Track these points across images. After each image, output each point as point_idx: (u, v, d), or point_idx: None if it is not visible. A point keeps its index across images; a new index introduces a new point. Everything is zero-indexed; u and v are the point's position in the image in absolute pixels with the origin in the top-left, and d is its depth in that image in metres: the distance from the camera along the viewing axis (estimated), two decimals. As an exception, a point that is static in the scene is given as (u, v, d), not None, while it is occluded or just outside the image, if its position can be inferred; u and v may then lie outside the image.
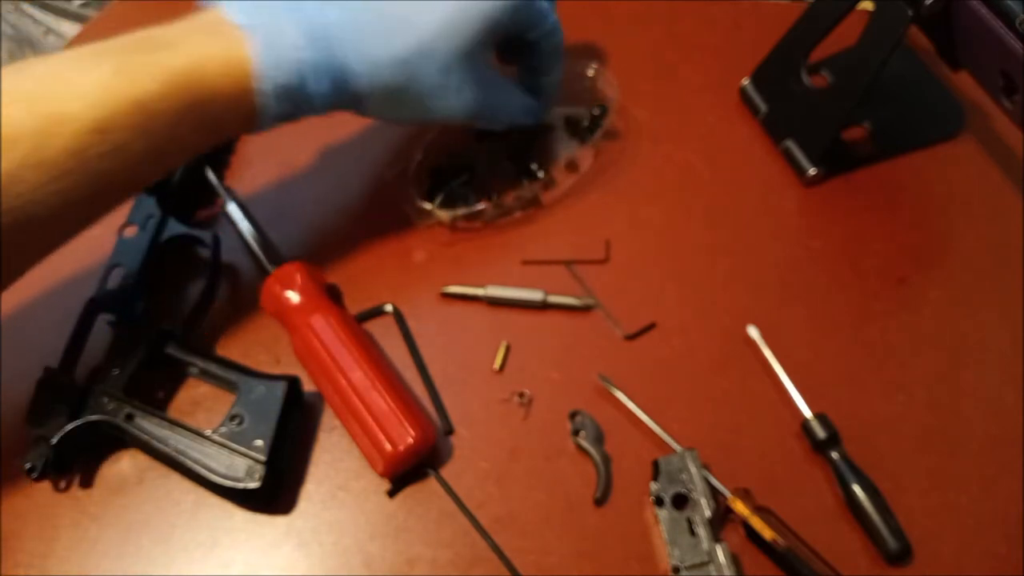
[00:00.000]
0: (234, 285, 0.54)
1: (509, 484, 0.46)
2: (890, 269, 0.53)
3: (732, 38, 0.63)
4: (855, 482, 0.44)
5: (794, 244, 0.54)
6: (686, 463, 0.44)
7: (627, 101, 0.59)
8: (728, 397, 0.48)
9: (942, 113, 0.58)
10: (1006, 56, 0.45)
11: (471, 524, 0.45)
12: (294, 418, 0.47)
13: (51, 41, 1.57)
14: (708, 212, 0.55)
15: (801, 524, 0.43)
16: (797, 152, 0.56)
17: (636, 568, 0.44)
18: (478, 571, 0.44)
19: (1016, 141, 0.57)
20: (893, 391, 0.48)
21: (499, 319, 0.51)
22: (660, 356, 0.50)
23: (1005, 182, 0.56)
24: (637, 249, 0.54)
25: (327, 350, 0.46)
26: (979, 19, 0.46)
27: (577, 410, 0.48)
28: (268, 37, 0.43)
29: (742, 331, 0.50)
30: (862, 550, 0.43)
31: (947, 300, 0.51)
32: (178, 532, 0.45)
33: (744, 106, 0.60)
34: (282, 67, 0.43)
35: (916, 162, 0.57)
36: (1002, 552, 0.43)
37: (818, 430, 0.45)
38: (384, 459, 0.44)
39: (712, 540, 0.42)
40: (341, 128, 0.60)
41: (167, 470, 0.47)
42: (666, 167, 0.57)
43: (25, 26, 1.60)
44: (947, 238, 0.54)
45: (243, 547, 0.45)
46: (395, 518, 0.45)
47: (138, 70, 0.41)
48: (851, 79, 0.52)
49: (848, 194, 0.56)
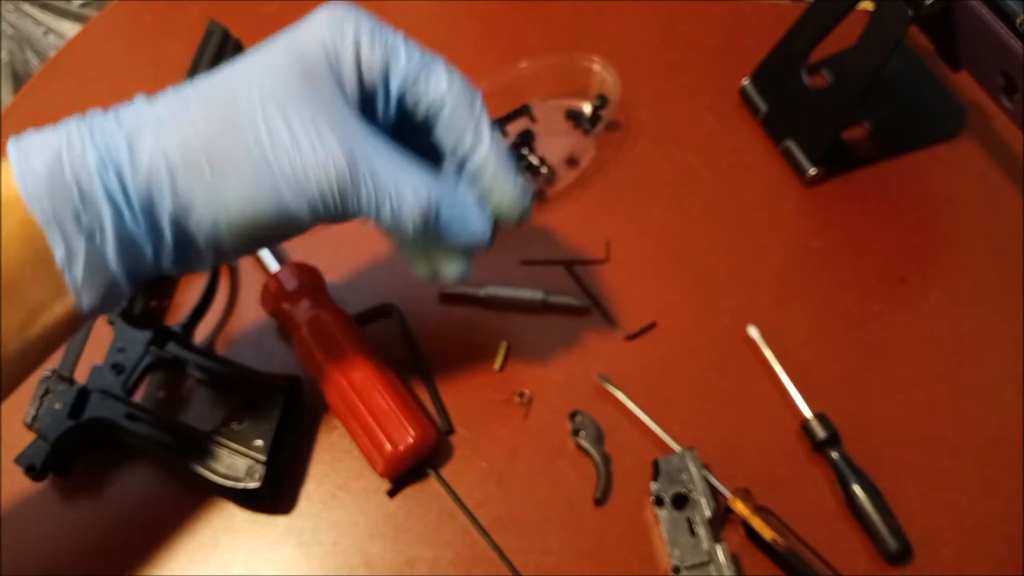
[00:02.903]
0: (234, 285, 0.54)
1: (509, 484, 0.46)
2: (890, 269, 0.53)
3: (732, 38, 0.63)
4: (855, 482, 0.44)
5: (794, 244, 0.54)
6: (686, 463, 0.44)
7: (628, 100, 0.59)
8: (728, 397, 0.48)
9: (942, 113, 0.58)
10: (1006, 56, 0.45)
11: (471, 524, 0.45)
12: (294, 418, 0.47)
13: (51, 41, 1.57)
14: (708, 212, 0.55)
15: (801, 524, 0.43)
16: (797, 152, 0.56)
17: (636, 568, 0.44)
18: (478, 571, 0.44)
19: (1016, 141, 0.57)
20: (893, 391, 0.48)
21: (499, 319, 0.51)
22: (660, 356, 0.50)
23: (1005, 182, 0.56)
24: (637, 249, 0.54)
25: (327, 350, 0.46)
26: (979, 19, 0.46)
27: (577, 410, 0.48)
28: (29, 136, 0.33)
29: (742, 331, 0.50)
30: (862, 550, 0.43)
31: (947, 300, 0.51)
32: (178, 532, 0.45)
33: (744, 106, 0.60)
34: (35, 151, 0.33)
35: (916, 162, 0.57)
36: (1002, 552, 0.43)
37: (818, 430, 0.45)
38: (384, 459, 0.44)
39: (712, 540, 0.42)
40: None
41: (167, 470, 0.47)
42: (666, 167, 0.57)
43: (25, 26, 1.60)
44: (947, 238, 0.54)
45: (243, 547, 0.45)
46: (395, 518, 0.45)
47: None
48: (851, 79, 0.52)
49: (848, 194, 0.56)
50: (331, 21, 0.36)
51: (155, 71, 0.65)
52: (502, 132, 0.58)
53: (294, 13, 0.41)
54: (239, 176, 0.34)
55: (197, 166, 0.33)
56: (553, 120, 0.59)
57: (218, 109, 0.34)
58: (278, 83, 0.34)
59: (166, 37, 0.67)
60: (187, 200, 0.34)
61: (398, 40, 0.37)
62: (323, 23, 0.36)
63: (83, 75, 0.66)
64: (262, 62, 0.35)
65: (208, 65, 0.58)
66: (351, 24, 0.36)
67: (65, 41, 1.45)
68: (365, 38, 0.36)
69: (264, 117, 0.34)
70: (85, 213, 0.33)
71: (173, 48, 0.63)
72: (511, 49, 0.61)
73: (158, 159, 0.33)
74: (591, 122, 0.57)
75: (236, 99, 0.34)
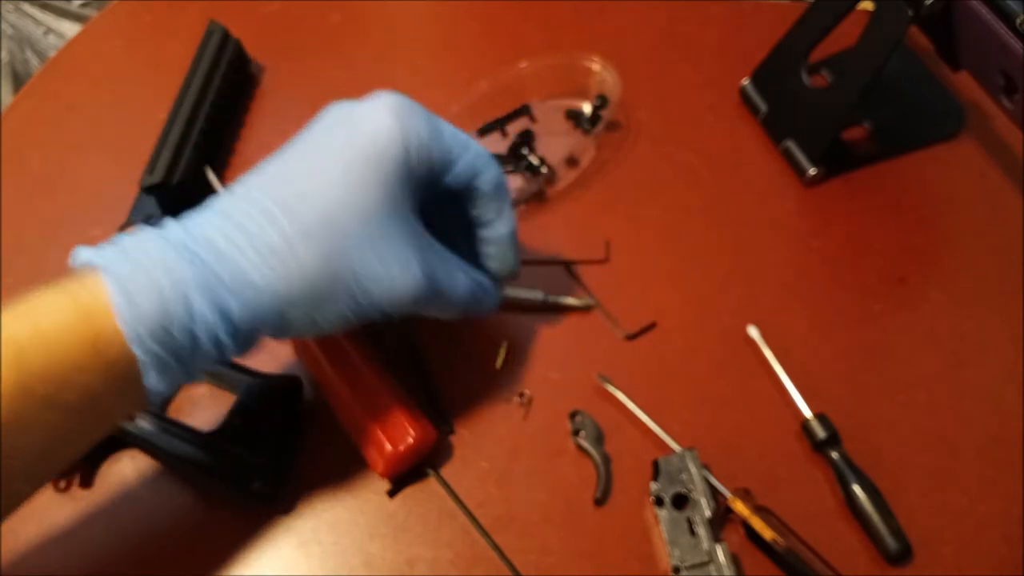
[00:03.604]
0: (234, 285, 0.54)
1: (509, 484, 0.46)
2: (890, 269, 0.53)
3: (732, 38, 0.63)
4: (855, 482, 0.44)
5: (794, 244, 0.54)
6: (686, 463, 0.44)
7: (628, 100, 0.59)
8: (728, 397, 0.48)
9: (942, 113, 0.58)
10: (1006, 56, 0.45)
11: (471, 524, 0.45)
12: (294, 418, 0.47)
13: (51, 41, 1.57)
14: (708, 212, 0.55)
15: (801, 524, 0.43)
16: (797, 152, 0.56)
17: (636, 568, 0.44)
18: (478, 571, 0.44)
19: (1016, 141, 0.57)
20: (893, 391, 0.48)
21: (499, 319, 0.51)
22: (660, 356, 0.50)
23: (1005, 182, 0.56)
24: (637, 249, 0.54)
25: (327, 350, 0.46)
26: (979, 19, 0.46)
27: (577, 410, 0.48)
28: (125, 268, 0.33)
29: (742, 331, 0.50)
30: (862, 550, 0.43)
31: (947, 300, 0.51)
32: (178, 532, 0.45)
33: (744, 106, 0.60)
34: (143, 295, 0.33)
35: (916, 162, 0.57)
36: (1002, 552, 0.43)
37: (818, 430, 0.45)
38: (384, 459, 0.44)
39: (712, 540, 0.42)
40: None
41: (167, 470, 0.47)
42: (666, 167, 0.57)
43: (25, 26, 1.60)
44: (947, 238, 0.54)
45: (243, 547, 0.45)
46: (395, 518, 0.45)
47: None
48: (851, 79, 0.52)
49: (848, 194, 0.56)
50: (400, 127, 0.38)
51: (155, 71, 0.65)
52: (502, 132, 0.58)
53: (294, 13, 0.42)
54: (336, 305, 0.37)
55: (301, 308, 0.36)
56: (553, 120, 0.59)
57: (322, 255, 0.36)
58: (369, 211, 0.37)
59: (166, 37, 0.67)
60: (285, 327, 0.37)
61: (458, 140, 0.40)
62: (392, 128, 0.37)
63: (83, 75, 0.66)
64: (348, 185, 0.36)
65: (208, 65, 0.58)
66: (414, 128, 0.38)
67: (65, 41, 1.46)
68: (433, 144, 0.39)
69: (360, 258, 0.36)
70: (190, 356, 0.35)
71: (173, 48, 0.63)
72: (511, 49, 0.61)
73: (265, 305, 0.36)
74: (591, 122, 0.57)
75: (334, 240, 0.36)
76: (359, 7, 0.67)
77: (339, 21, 0.66)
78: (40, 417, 0.32)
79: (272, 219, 0.36)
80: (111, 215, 0.55)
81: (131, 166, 0.56)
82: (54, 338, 0.32)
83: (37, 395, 0.31)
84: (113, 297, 0.32)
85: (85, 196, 0.58)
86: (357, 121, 0.38)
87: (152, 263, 0.34)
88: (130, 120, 0.61)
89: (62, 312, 0.32)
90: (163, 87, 0.59)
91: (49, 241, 0.56)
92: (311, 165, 0.37)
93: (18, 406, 0.31)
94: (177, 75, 0.59)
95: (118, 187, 0.56)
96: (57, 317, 0.32)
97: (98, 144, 0.61)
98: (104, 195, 0.57)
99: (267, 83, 0.63)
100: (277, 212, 0.36)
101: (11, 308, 0.33)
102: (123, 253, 0.34)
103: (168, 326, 0.33)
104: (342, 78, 0.63)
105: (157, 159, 0.54)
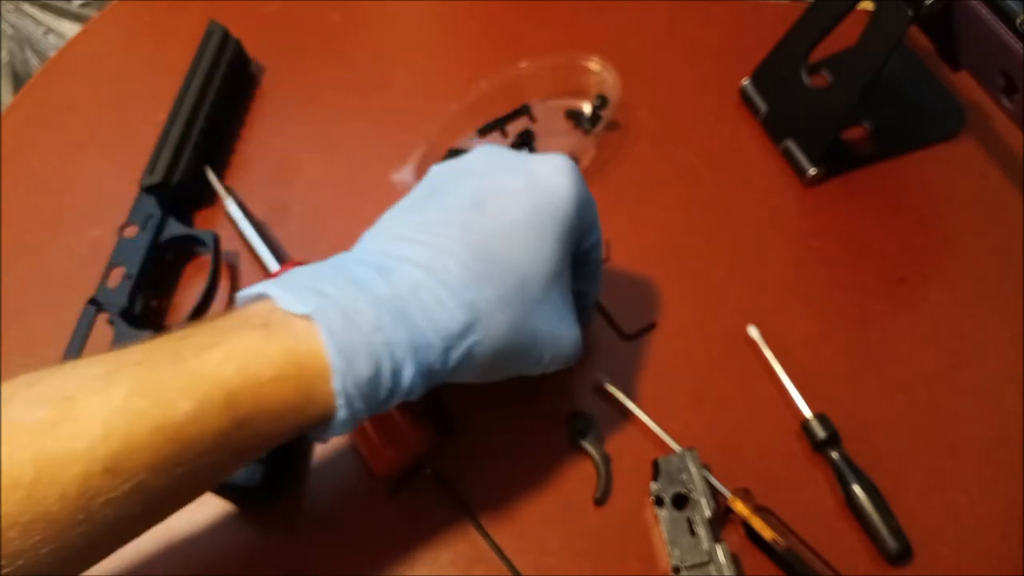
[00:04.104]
0: (234, 285, 0.54)
1: (509, 484, 0.46)
2: (890, 269, 0.53)
3: (732, 38, 0.63)
4: (855, 482, 0.44)
5: (794, 244, 0.54)
6: (686, 463, 0.44)
7: (628, 100, 0.59)
8: (728, 397, 0.48)
9: (942, 113, 0.58)
10: (1006, 56, 0.45)
11: (471, 524, 0.45)
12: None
13: (51, 41, 1.57)
14: (708, 212, 0.55)
15: (801, 524, 0.43)
16: (797, 152, 0.56)
17: (636, 568, 0.44)
18: (478, 571, 0.44)
19: (1016, 141, 0.57)
20: (893, 391, 0.48)
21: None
22: (660, 356, 0.50)
23: (1005, 182, 0.56)
24: (637, 249, 0.54)
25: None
26: (979, 19, 0.46)
27: (577, 410, 0.48)
28: (339, 323, 0.33)
29: (742, 331, 0.50)
30: (862, 550, 0.43)
31: (947, 300, 0.51)
32: (178, 532, 0.45)
33: (744, 106, 0.60)
34: (360, 357, 0.33)
35: (916, 162, 0.57)
36: (1002, 552, 0.43)
37: (818, 430, 0.45)
38: (384, 459, 0.44)
39: (712, 540, 0.42)
40: (341, 127, 0.60)
41: (167, 470, 0.47)
42: (666, 167, 0.57)
43: (25, 26, 1.60)
44: (947, 238, 0.54)
45: (243, 547, 0.45)
46: (395, 518, 0.45)
47: (163, 386, 0.31)
48: (851, 79, 0.52)
49: (848, 194, 0.56)
50: (576, 191, 0.39)
51: (155, 71, 0.65)
52: (502, 132, 0.58)
53: (294, 13, 0.42)
54: (510, 364, 0.38)
55: (492, 362, 0.37)
56: (553, 120, 0.59)
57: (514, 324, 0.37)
58: (552, 276, 0.38)
59: (166, 37, 0.67)
60: (452, 380, 0.37)
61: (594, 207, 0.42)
62: (570, 191, 0.38)
63: (83, 75, 0.66)
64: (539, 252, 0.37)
65: (208, 65, 0.58)
66: (582, 193, 0.39)
67: (65, 41, 1.46)
68: (588, 209, 0.40)
69: (541, 323, 0.38)
70: (382, 406, 0.35)
71: (173, 48, 0.63)
72: (511, 49, 0.61)
73: (465, 363, 0.36)
74: (591, 122, 0.57)
75: (524, 306, 0.37)
76: (359, 7, 0.67)
77: (339, 21, 0.66)
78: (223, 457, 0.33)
79: (479, 285, 0.36)
80: (111, 215, 0.55)
81: (131, 166, 0.56)
82: (268, 391, 0.32)
83: (233, 438, 0.32)
84: (331, 357, 0.33)
85: (85, 196, 0.58)
86: (538, 181, 0.38)
87: (368, 325, 0.33)
88: (130, 120, 0.61)
89: (274, 363, 0.32)
90: (163, 87, 0.59)
91: (49, 241, 0.56)
92: (502, 223, 0.37)
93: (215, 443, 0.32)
94: (177, 75, 0.59)
95: (118, 187, 0.56)
96: (269, 367, 0.32)
97: (98, 144, 0.61)
98: (104, 195, 0.57)
99: (267, 83, 0.63)
100: (484, 277, 0.36)
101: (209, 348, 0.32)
102: (334, 305, 0.34)
103: (377, 386, 0.34)
104: (342, 78, 0.63)
105: (157, 159, 0.54)
